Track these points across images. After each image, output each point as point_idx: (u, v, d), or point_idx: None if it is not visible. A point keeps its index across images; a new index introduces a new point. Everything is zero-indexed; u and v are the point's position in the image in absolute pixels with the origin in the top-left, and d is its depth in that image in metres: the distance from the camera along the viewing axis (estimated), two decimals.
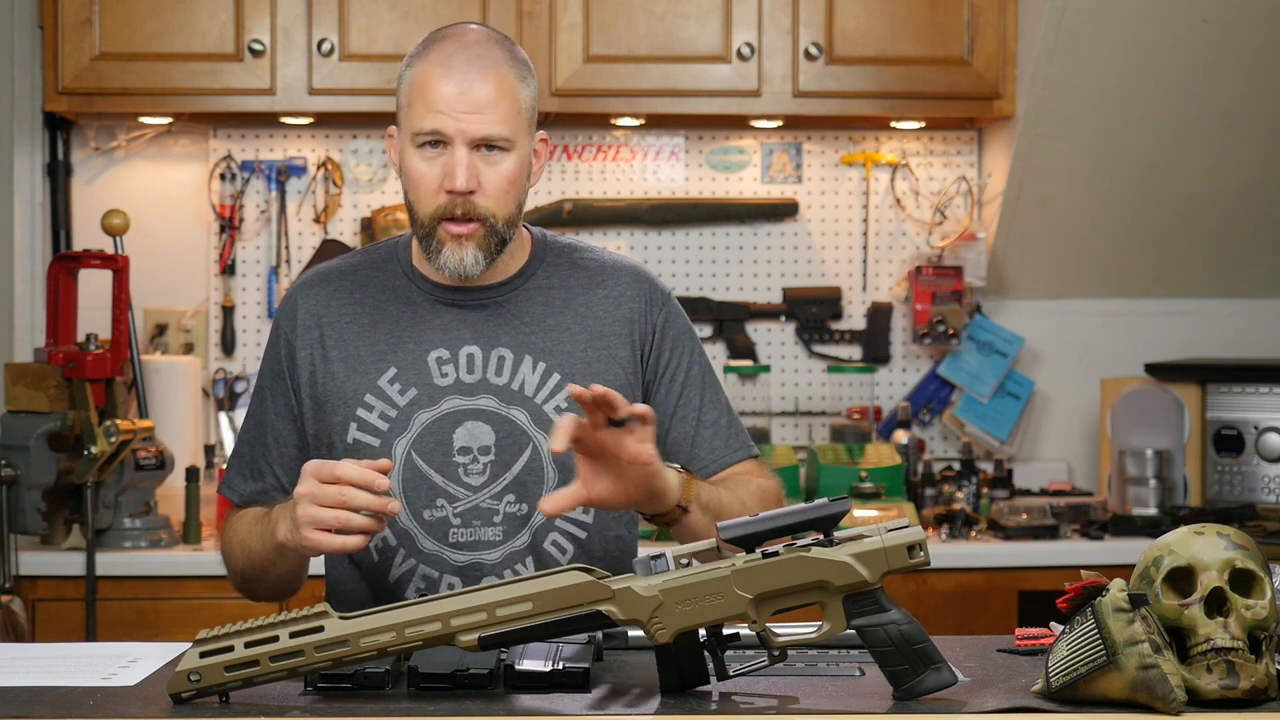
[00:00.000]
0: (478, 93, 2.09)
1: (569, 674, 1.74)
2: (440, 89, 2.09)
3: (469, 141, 2.09)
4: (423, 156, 2.11)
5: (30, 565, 3.33)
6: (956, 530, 3.60)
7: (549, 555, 2.16)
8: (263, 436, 2.23)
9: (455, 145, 2.09)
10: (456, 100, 2.09)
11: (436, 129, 2.09)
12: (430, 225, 2.12)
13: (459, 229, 2.11)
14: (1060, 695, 1.66)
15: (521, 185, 2.15)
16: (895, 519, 2.62)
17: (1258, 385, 3.81)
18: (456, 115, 2.08)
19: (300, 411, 2.20)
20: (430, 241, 2.13)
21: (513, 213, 2.15)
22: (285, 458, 2.21)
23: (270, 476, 2.22)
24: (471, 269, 2.13)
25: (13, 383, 3.33)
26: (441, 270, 2.14)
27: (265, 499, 2.19)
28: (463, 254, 2.12)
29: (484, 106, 2.09)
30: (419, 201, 2.13)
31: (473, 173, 2.10)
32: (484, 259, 2.13)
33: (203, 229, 4.03)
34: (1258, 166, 3.93)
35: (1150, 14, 3.65)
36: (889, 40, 3.77)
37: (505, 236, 2.15)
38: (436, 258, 2.13)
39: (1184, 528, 1.71)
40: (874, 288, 4.15)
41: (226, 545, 2.21)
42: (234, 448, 2.28)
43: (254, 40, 3.68)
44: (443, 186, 2.10)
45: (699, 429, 2.22)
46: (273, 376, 2.23)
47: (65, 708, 1.68)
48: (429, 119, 2.09)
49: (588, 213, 4.05)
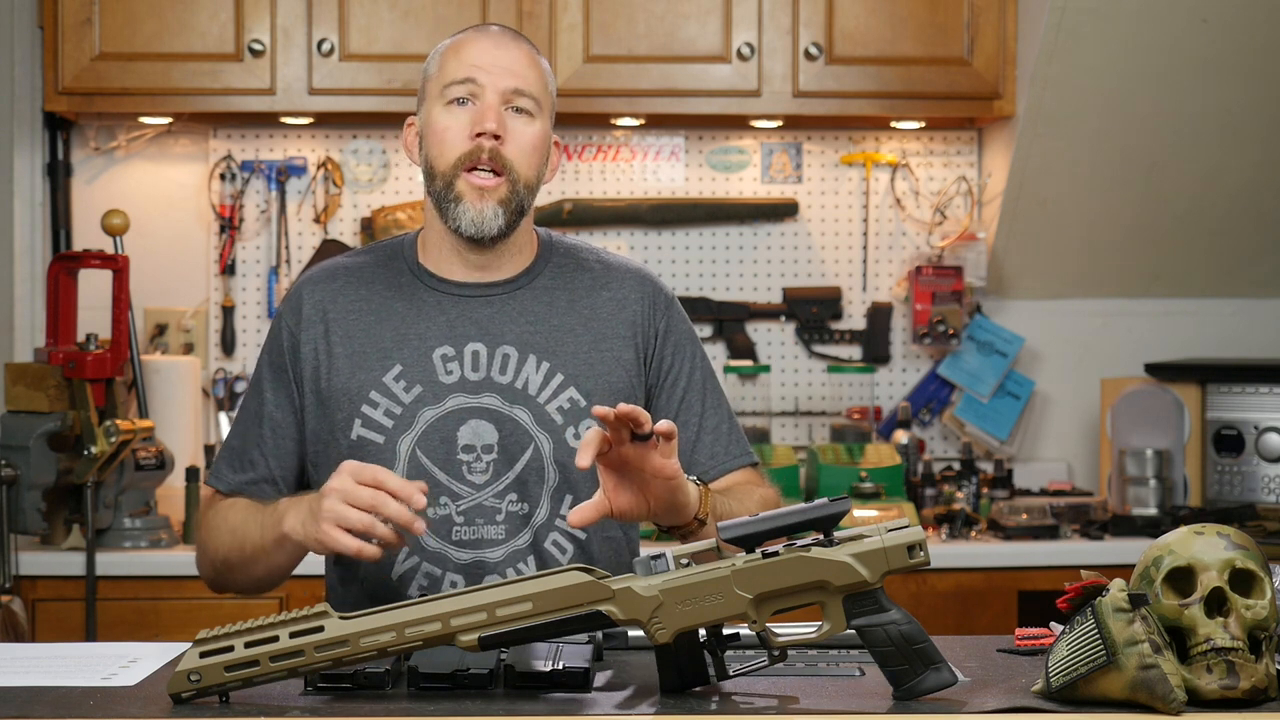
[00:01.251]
0: (512, 51, 2.16)
1: (569, 674, 1.74)
2: (475, 45, 2.16)
3: (500, 92, 2.13)
4: (450, 112, 2.14)
5: (30, 565, 3.33)
6: (956, 530, 3.60)
7: (550, 555, 2.17)
8: (259, 427, 2.21)
9: (486, 94, 2.13)
10: (491, 54, 2.14)
11: (470, 77, 2.13)
12: (451, 175, 2.13)
13: (481, 180, 2.12)
14: (1060, 695, 1.66)
15: (543, 154, 2.18)
16: (895, 519, 2.62)
17: (1258, 385, 3.81)
18: (489, 68, 2.14)
19: (300, 405, 2.20)
20: (449, 194, 2.13)
21: (533, 179, 2.16)
22: (281, 450, 2.20)
23: (263, 467, 2.20)
24: (490, 224, 2.13)
25: (13, 383, 3.33)
26: (457, 224, 2.14)
27: (254, 490, 2.18)
28: (483, 207, 2.13)
29: (517, 65, 2.15)
30: (442, 153, 2.14)
31: (502, 119, 2.13)
32: (503, 216, 2.13)
33: (203, 229, 4.03)
34: (1258, 166, 3.93)
35: (1150, 14, 3.65)
36: (889, 40, 3.77)
37: (524, 202, 2.16)
38: (455, 209, 2.13)
39: (1184, 528, 1.71)
40: (874, 288, 4.15)
41: (209, 530, 2.17)
42: (225, 439, 2.26)
43: (254, 40, 3.68)
44: (471, 132, 2.12)
45: (700, 434, 2.22)
46: (274, 368, 2.22)
47: (65, 708, 1.68)
48: (463, 70, 2.14)
49: (588, 213, 4.05)
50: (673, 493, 1.95)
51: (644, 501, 1.94)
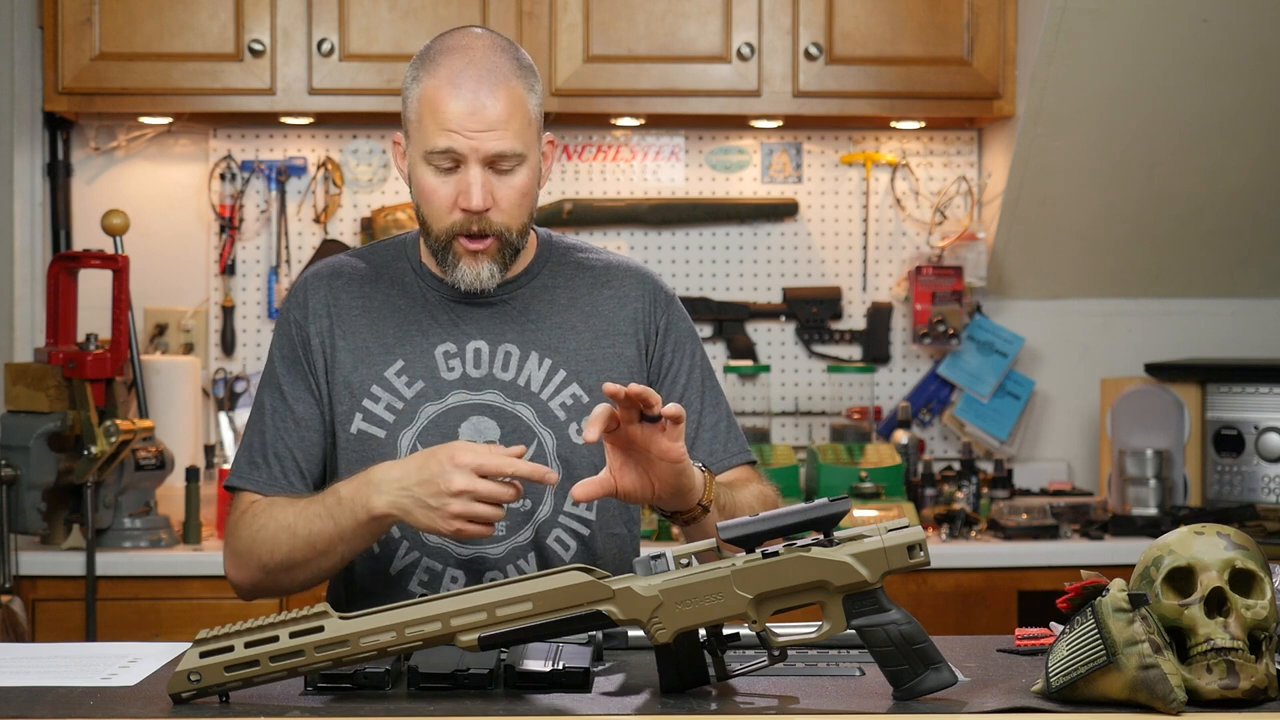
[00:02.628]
0: (490, 111, 2.08)
1: (569, 674, 1.74)
2: (451, 108, 2.08)
3: (482, 159, 2.09)
4: (435, 173, 2.12)
5: (30, 565, 3.33)
6: (956, 530, 3.60)
7: (552, 551, 2.17)
8: (281, 420, 2.18)
9: (469, 164, 2.09)
10: (469, 119, 2.08)
11: (450, 148, 2.09)
12: (446, 240, 2.13)
13: (474, 245, 2.13)
14: (1060, 695, 1.66)
15: (533, 195, 2.17)
16: (895, 519, 2.62)
17: (1258, 385, 3.81)
18: (469, 134, 2.08)
19: (320, 395, 2.19)
20: (446, 255, 2.14)
21: (525, 223, 2.16)
22: (306, 441, 2.18)
23: (289, 459, 2.17)
24: (487, 282, 2.15)
25: (13, 383, 3.33)
26: (458, 284, 2.16)
27: (281, 485, 2.16)
28: (479, 269, 2.14)
29: (496, 124, 2.09)
30: (433, 218, 2.14)
31: (487, 191, 2.10)
32: (499, 271, 2.15)
33: (203, 229, 4.03)
34: (1258, 167, 3.93)
35: (1150, 14, 3.65)
36: (889, 40, 3.77)
37: (519, 246, 2.17)
38: (453, 272, 2.15)
39: (1184, 528, 1.71)
40: (874, 288, 4.15)
41: (255, 535, 2.11)
42: (243, 440, 2.23)
43: (254, 40, 3.68)
44: (457, 204, 2.11)
45: (699, 431, 2.23)
46: (289, 362, 2.21)
47: (65, 708, 1.68)
48: (441, 138, 2.09)
49: (588, 213, 4.05)
50: (678, 476, 1.96)
51: (648, 483, 1.96)
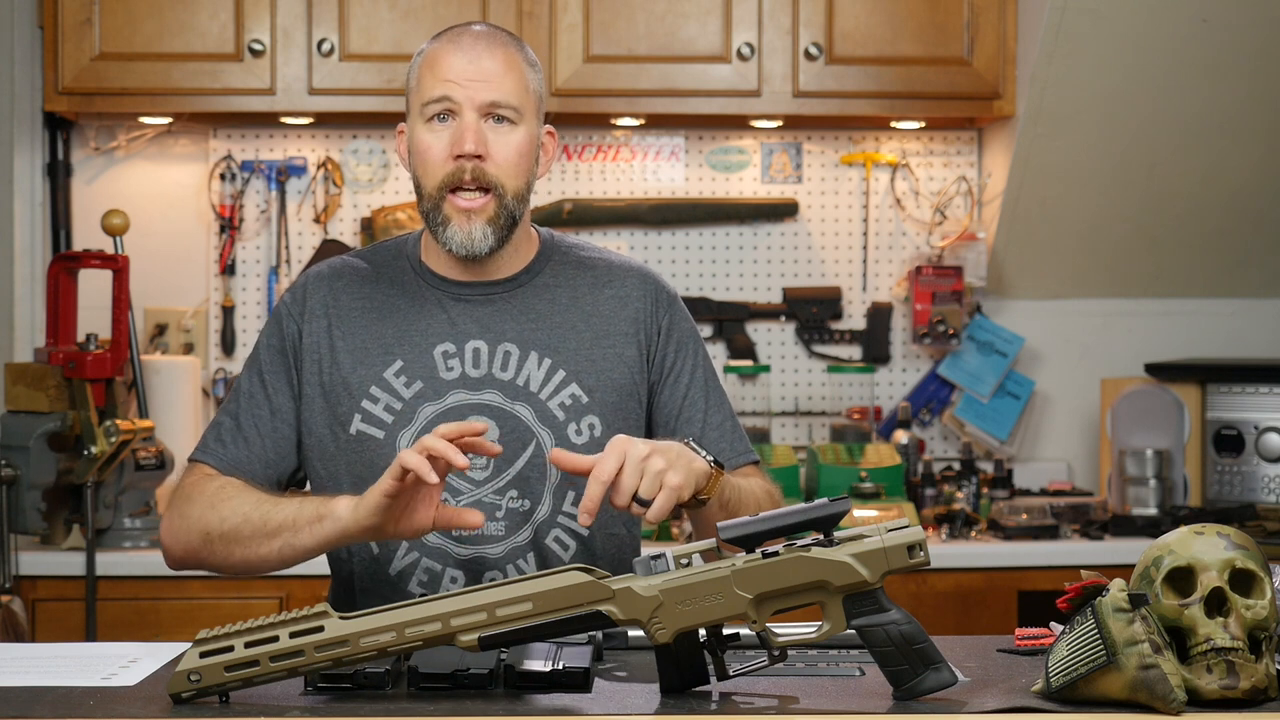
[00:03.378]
0: (486, 63, 2.13)
1: (569, 674, 1.74)
2: (449, 60, 2.13)
3: (478, 107, 2.12)
4: (431, 129, 2.13)
5: (30, 565, 3.33)
6: (956, 530, 3.60)
7: (551, 551, 2.17)
8: (257, 406, 2.18)
9: (464, 112, 2.12)
10: (465, 69, 2.12)
11: (445, 95, 2.11)
12: (437, 197, 2.13)
13: (467, 201, 2.12)
14: (1060, 695, 1.66)
15: (530, 160, 2.16)
16: (895, 519, 2.62)
17: (1258, 385, 3.81)
18: (464, 83, 2.12)
19: (300, 394, 2.19)
20: (437, 216, 2.13)
21: (521, 188, 2.15)
22: (277, 432, 2.18)
23: (257, 445, 2.17)
24: (480, 244, 2.13)
25: (13, 383, 3.33)
26: (448, 246, 2.14)
27: (246, 469, 2.14)
28: (471, 228, 2.13)
29: (492, 76, 2.12)
30: (426, 174, 2.14)
31: (481, 138, 2.12)
32: (493, 234, 2.14)
33: (203, 229, 4.03)
34: (1258, 167, 3.93)
35: (1150, 14, 3.65)
36: (889, 40, 3.77)
37: (515, 213, 2.15)
38: (443, 232, 2.13)
39: (1184, 528, 1.71)
40: (874, 288, 4.15)
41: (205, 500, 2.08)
42: (213, 419, 2.21)
43: (254, 40, 3.68)
44: (451, 153, 2.12)
45: (704, 431, 2.23)
46: (275, 353, 2.21)
47: (65, 708, 1.68)
48: (438, 87, 2.12)
49: (588, 213, 4.05)
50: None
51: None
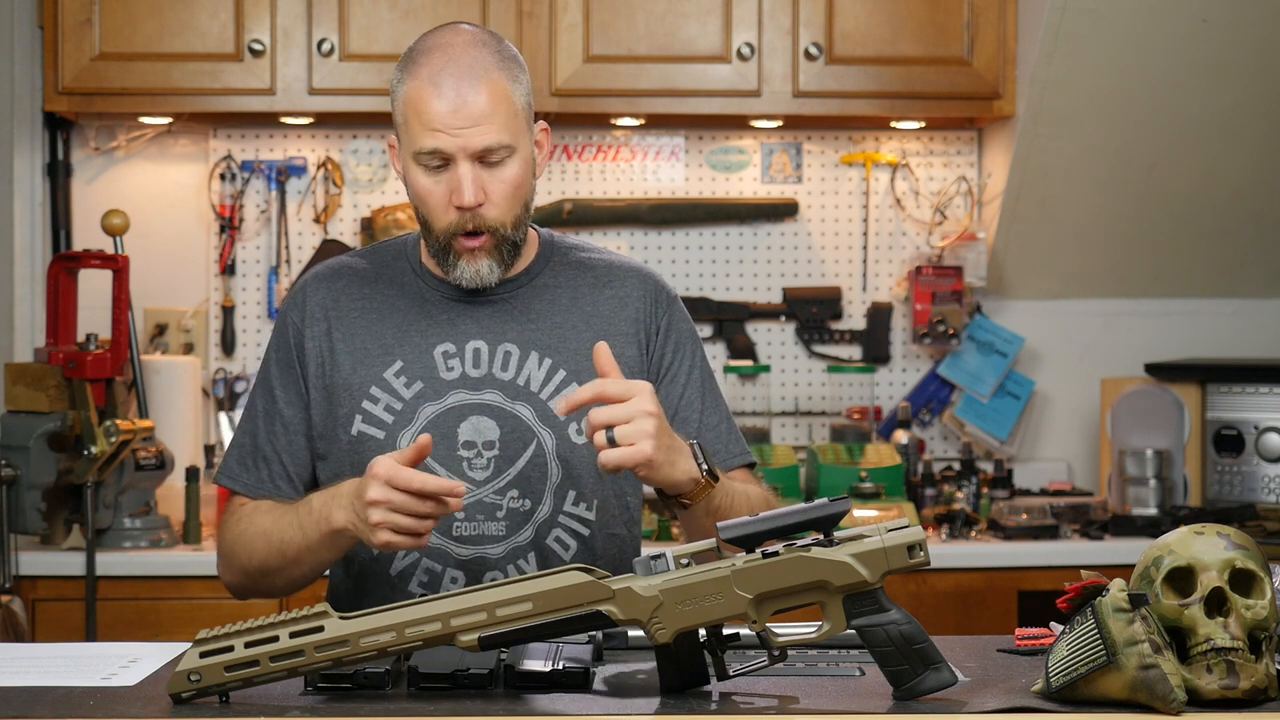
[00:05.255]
0: (472, 106, 2.09)
1: (569, 674, 1.74)
2: (434, 107, 2.09)
3: (470, 155, 2.10)
4: (427, 174, 2.13)
5: (30, 565, 3.33)
6: (956, 530, 3.60)
7: (552, 551, 2.17)
8: (271, 423, 2.21)
9: (458, 161, 2.10)
10: (452, 117, 2.08)
11: (437, 148, 2.09)
12: (445, 240, 2.15)
13: (471, 243, 2.14)
14: (1060, 695, 1.66)
15: (527, 187, 2.16)
16: (895, 519, 2.62)
17: (1258, 385, 3.81)
18: (454, 132, 2.09)
19: (308, 400, 2.21)
20: (446, 255, 2.16)
21: (520, 215, 2.16)
22: (293, 446, 2.21)
23: (276, 463, 2.21)
24: (487, 278, 2.16)
25: (13, 383, 3.33)
26: (458, 282, 2.17)
27: (270, 488, 2.19)
28: (478, 265, 2.15)
29: (481, 118, 2.09)
30: (431, 216, 2.15)
31: (478, 186, 2.11)
32: (498, 267, 2.16)
33: (203, 229, 4.03)
34: (1257, 166, 3.93)
35: (1150, 14, 3.65)
36: (889, 40, 3.77)
37: (517, 240, 2.17)
38: (454, 271, 2.16)
39: (1184, 528, 1.71)
40: (874, 288, 4.15)
41: (237, 538, 2.17)
42: (234, 437, 2.26)
43: (254, 40, 3.68)
44: (451, 203, 2.12)
45: (700, 432, 2.23)
46: (282, 365, 2.23)
47: (65, 708, 1.68)
48: (428, 138, 2.09)
49: (588, 213, 4.05)
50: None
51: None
